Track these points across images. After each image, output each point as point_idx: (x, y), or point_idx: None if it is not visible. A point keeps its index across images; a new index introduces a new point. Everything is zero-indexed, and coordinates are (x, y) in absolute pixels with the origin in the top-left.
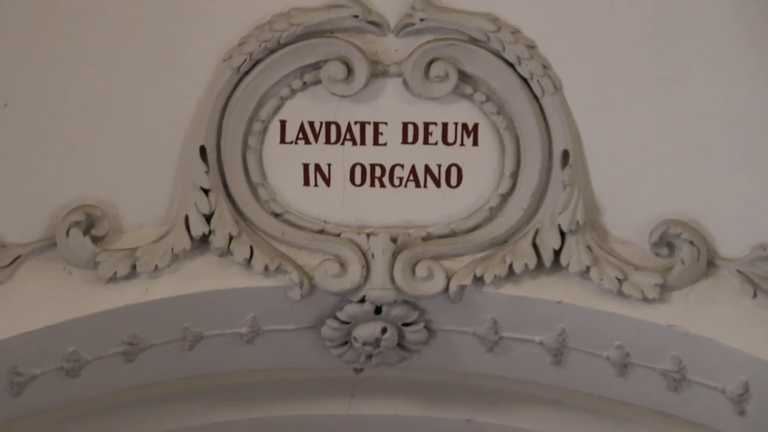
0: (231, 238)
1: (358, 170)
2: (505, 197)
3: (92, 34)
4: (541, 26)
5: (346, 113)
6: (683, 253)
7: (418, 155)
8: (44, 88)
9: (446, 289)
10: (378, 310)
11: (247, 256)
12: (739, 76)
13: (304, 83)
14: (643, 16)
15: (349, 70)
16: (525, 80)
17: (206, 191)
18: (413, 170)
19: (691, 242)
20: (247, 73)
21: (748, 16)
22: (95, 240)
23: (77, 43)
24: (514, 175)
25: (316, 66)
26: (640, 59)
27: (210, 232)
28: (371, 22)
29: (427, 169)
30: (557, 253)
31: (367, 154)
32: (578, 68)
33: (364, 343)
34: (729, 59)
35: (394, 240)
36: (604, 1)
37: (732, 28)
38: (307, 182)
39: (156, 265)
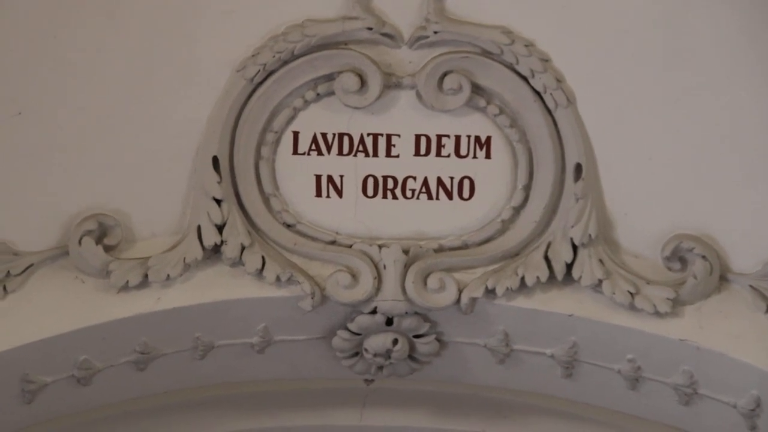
0: (243, 248)
1: (370, 182)
2: (518, 210)
3: (105, 44)
4: (555, 40)
5: (359, 125)
6: (696, 267)
7: (431, 167)
8: (57, 97)
9: (458, 301)
10: (389, 322)
11: (259, 266)
12: (750, 90)
13: (318, 94)
14: (655, 32)
15: (363, 82)
16: (538, 93)
17: (219, 201)
18: (426, 182)
19: (704, 257)
20: (260, 83)
21: (756, 32)
22: (107, 249)
23: (90, 52)
24: (527, 188)
25: (330, 77)
26: (652, 73)
27: (222, 242)
28: (385, 34)
29: (440, 182)
30: (569, 266)
31: (380, 166)
32: (591, 82)
33: (375, 355)
34: (740, 74)
35: (405, 251)
36: (617, 17)
37: (741, 44)
38: (319, 193)
39: (168, 275)
